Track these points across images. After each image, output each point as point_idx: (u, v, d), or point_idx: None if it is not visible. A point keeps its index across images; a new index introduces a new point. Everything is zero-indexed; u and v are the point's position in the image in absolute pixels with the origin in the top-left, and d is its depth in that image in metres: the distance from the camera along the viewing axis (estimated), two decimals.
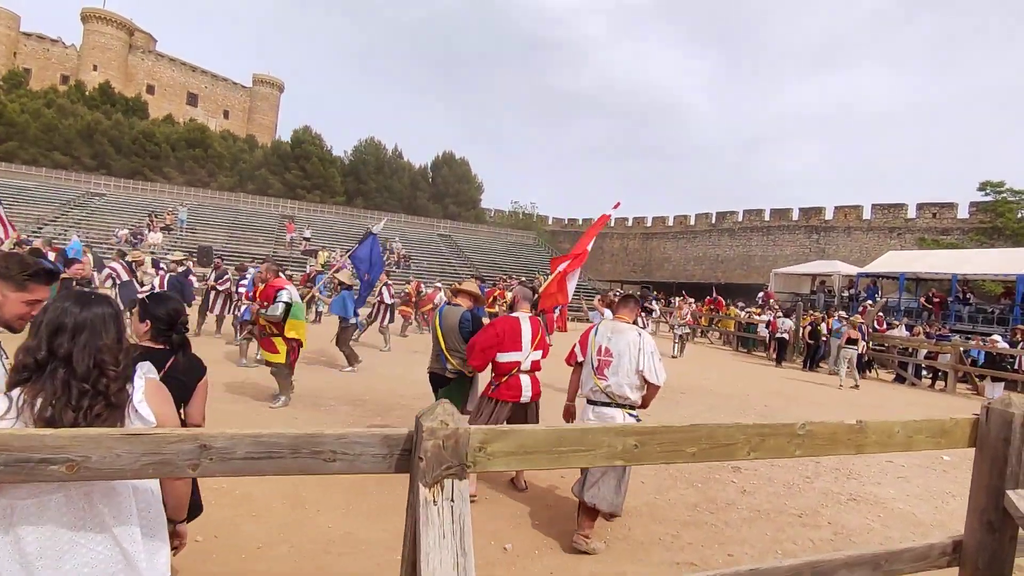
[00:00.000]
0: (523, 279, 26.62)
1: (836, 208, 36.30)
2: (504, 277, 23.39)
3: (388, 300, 11.99)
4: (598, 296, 11.83)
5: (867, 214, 34.63)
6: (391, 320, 12.26)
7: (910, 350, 14.94)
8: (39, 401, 1.43)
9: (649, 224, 49.34)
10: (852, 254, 32.54)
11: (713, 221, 43.75)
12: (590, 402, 3.97)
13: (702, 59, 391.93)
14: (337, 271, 11.27)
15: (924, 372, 14.78)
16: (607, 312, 7.86)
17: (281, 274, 7.55)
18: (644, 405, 3.98)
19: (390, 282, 12.34)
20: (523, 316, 4.65)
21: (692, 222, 45.55)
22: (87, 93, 57.35)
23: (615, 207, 8.89)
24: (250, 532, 3.53)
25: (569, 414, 4.29)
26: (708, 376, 12.05)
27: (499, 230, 45.24)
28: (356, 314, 9.47)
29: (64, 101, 49.90)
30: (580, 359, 4.12)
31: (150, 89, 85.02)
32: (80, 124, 44.45)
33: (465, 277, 26.56)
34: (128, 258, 10.66)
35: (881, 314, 18.30)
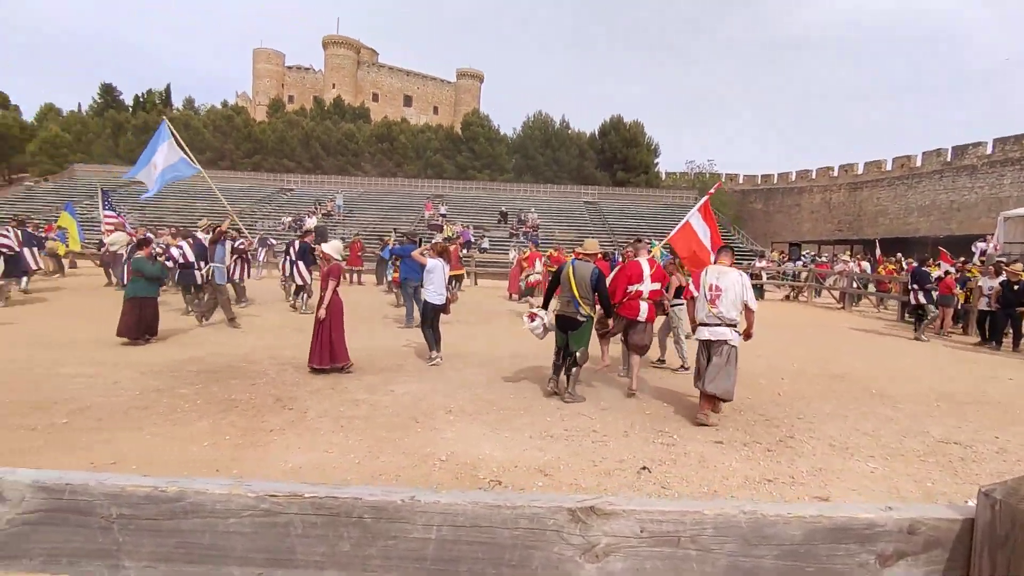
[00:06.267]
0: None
1: None
2: (636, 239, 20.90)
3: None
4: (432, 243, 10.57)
5: None
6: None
7: None
8: None
9: (860, 171, 40.13)
10: None
11: (948, 159, 33.55)
12: (703, 324, 5.50)
13: None
14: None
15: None
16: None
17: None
18: (748, 326, 5.60)
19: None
20: (643, 260, 6.57)
21: (918, 163, 35.63)
22: (325, 108, 68.48)
23: (714, 189, 10.52)
24: None
25: (694, 329, 5.76)
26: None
27: (654, 193, 41.31)
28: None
29: (300, 118, 60.09)
30: (695, 294, 5.86)
31: (375, 97, 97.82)
32: (300, 133, 52.98)
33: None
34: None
35: None
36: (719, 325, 5.39)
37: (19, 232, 12.34)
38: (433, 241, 21.73)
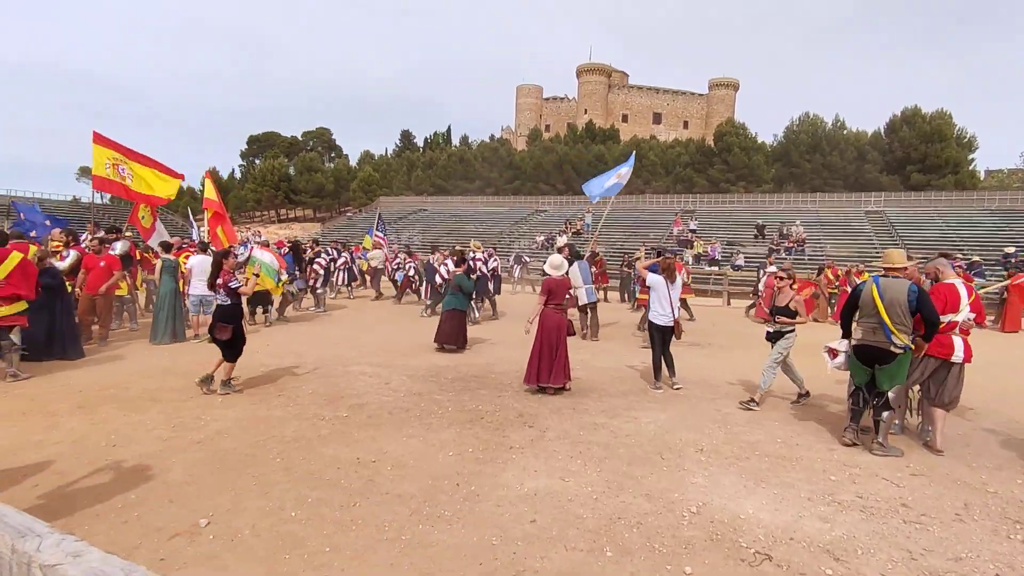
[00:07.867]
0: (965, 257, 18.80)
1: None
2: (942, 254, 17.01)
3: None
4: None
5: None
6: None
7: None
8: None
9: None
10: None
11: None
12: None
13: None
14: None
15: None
16: None
17: None
18: None
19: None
20: (958, 282, 5.15)
21: None
22: (577, 133, 72.23)
23: None
24: None
25: None
26: None
27: (969, 197, 32.31)
28: None
29: (554, 144, 64.16)
30: None
31: (624, 118, 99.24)
32: (554, 159, 56.31)
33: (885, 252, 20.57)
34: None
35: None
36: None
37: (349, 255, 16.61)
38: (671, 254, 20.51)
